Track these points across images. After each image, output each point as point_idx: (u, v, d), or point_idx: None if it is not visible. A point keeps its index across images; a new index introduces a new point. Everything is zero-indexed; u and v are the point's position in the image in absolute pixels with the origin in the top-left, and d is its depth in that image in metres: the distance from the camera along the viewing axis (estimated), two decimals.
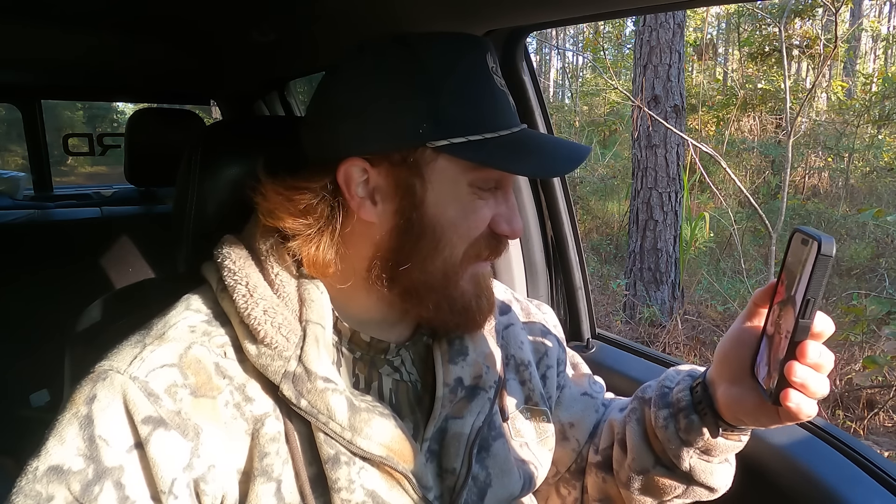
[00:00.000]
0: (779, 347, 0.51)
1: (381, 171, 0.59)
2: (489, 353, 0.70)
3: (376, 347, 0.65)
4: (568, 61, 15.41)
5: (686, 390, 0.67)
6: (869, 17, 9.64)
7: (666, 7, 0.77)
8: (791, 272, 0.51)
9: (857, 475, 0.75)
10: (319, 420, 0.56)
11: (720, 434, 0.64)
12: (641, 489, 0.71)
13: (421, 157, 0.58)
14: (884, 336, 3.16)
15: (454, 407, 0.66)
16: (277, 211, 0.60)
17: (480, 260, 0.63)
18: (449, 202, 0.59)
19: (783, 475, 0.79)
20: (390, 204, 0.60)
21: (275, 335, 0.57)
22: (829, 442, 0.80)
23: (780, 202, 3.25)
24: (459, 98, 0.58)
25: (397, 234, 0.60)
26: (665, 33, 4.50)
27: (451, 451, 0.64)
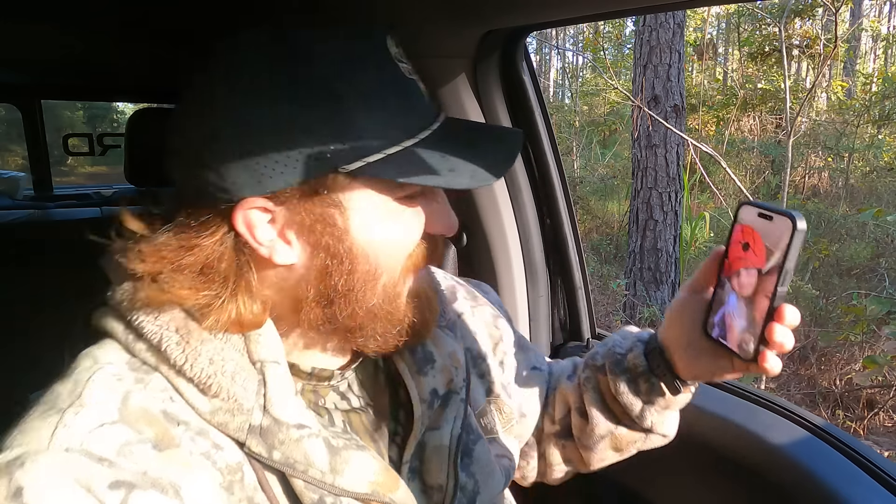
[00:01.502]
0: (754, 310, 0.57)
1: (289, 207, 0.50)
2: (453, 353, 0.66)
3: (319, 377, 0.58)
4: (568, 61, 15.41)
5: (641, 356, 0.70)
6: (869, 17, 9.64)
7: (666, 7, 0.77)
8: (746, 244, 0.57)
9: (857, 475, 0.75)
10: (296, 469, 0.50)
11: (680, 391, 0.68)
12: (604, 448, 0.75)
13: (334, 184, 0.49)
14: (884, 336, 3.16)
15: (431, 419, 0.62)
16: (168, 283, 0.50)
17: (418, 270, 0.57)
18: (377, 224, 0.52)
19: (783, 475, 0.79)
20: (308, 241, 0.51)
21: (230, 386, 0.49)
22: (829, 442, 0.80)
23: (780, 202, 3.25)
24: (366, 104, 0.49)
25: (325, 272, 0.52)
26: (665, 33, 4.49)
27: (434, 466, 0.60)
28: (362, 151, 0.48)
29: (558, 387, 0.81)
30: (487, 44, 0.99)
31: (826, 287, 4.68)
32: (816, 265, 4.86)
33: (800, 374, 3.82)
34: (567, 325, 1.20)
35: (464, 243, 1.19)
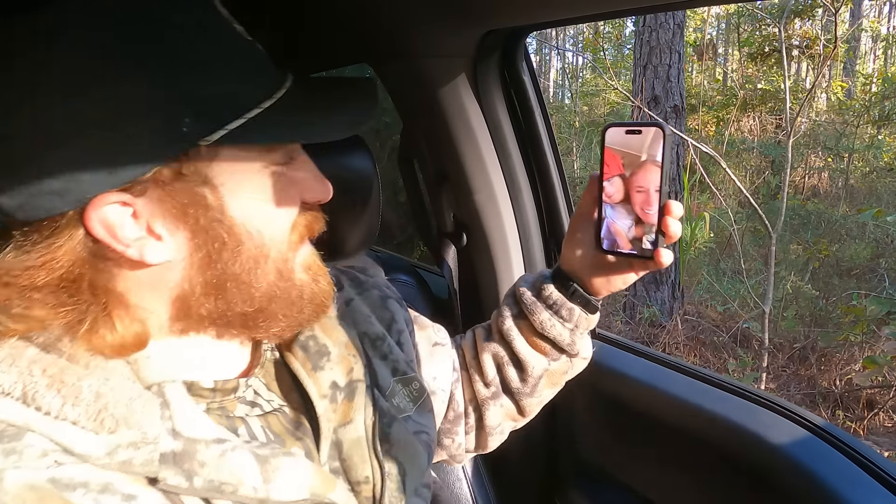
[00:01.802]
0: (643, 212, 0.64)
1: (152, 197, 0.44)
2: (348, 340, 0.63)
3: (223, 390, 0.53)
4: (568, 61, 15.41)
5: (554, 290, 0.74)
6: (869, 18, 9.64)
7: (666, 7, 0.77)
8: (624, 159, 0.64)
9: (857, 475, 0.75)
10: (225, 492, 0.45)
11: (597, 309, 0.75)
12: (542, 387, 0.79)
13: (197, 161, 0.45)
14: (884, 336, 3.15)
15: (339, 414, 0.58)
16: (23, 308, 0.43)
17: (304, 242, 0.54)
18: (252, 196, 0.48)
19: (783, 475, 0.79)
20: (182, 230, 0.46)
21: (128, 416, 0.43)
22: (829, 442, 0.80)
23: (780, 202, 3.25)
24: (212, 71, 0.44)
25: (209, 260, 0.47)
26: (665, 33, 4.49)
27: (356, 461, 0.57)
28: (218, 120, 0.44)
29: (479, 349, 0.82)
30: (487, 44, 0.99)
31: (826, 287, 4.68)
32: (816, 265, 4.86)
33: (800, 374, 3.82)
34: None
35: (464, 243, 1.19)
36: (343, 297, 0.71)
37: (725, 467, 0.87)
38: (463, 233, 1.19)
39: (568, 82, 13.92)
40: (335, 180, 0.93)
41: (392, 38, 0.99)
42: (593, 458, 1.12)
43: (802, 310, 4.33)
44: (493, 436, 0.82)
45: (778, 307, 4.27)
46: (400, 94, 1.13)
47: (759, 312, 3.17)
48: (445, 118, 1.04)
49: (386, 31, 0.98)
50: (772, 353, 3.79)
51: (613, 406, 1.06)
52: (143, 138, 0.42)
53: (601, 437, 1.10)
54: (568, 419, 1.13)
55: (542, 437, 1.16)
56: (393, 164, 1.29)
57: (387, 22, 0.96)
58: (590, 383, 1.07)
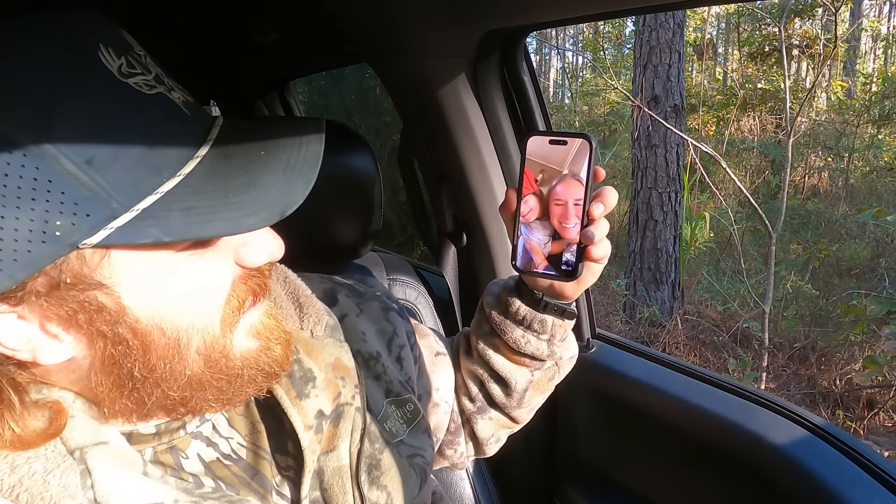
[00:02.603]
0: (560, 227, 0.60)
1: (31, 304, 0.38)
2: (336, 361, 0.58)
3: (168, 430, 0.48)
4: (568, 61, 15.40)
5: (520, 304, 0.70)
6: (869, 17, 9.63)
7: (666, 7, 0.77)
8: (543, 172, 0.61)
9: (857, 475, 0.75)
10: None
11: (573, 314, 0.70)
12: (529, 398, 0.77)
13: (82, 265, 0.38)
14: (884, 336, 3.15)
15: (323, 441, 0.55)
16: None
17: (248, 309, 0.47)
18: (163, 289, 0.41)
19: (783, 475, 0.79)
20: (77, 332, 0.40)
21: (44, 491, 0.40)
22: (829, 442, 0.80)
23: (780, 202, 3.25)
24: (89, 152, 0.35)
25: (114, 361, 0.41)
26: (665, 33, 4.49)
27: (337, 491, 0.54)
28: (102, 216, 0.36)
29: (461, 365, 0.80)
30: (487, 44, 0.99)
31: (826, 287, 4.68)
32: (816, 265, 4.86)
33: (800, 373, 3.82)
34: None
35: (464, 243, 1.19)
36: (337, 312, 0.67)
37: (725, 467, 0.87)
38: (463, 233, 1.19)
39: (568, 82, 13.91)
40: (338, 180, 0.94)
41: (392, 38, 0.99)
42: (593, 458, 1.12)
43: (802, 309, 4.33)
44: (488, 445, 0.81)
45: (778, 307, 4.27)
46: (400, 94, 1.13)
47: (759, 312, 3.17)
48: (445, 118, 1.04)
49: (385, 31, 0.98)
50: (772, 352, 3.79)
51: (613, 406, 1.06)
52: (5, 246, 0.35)
53: (601, 437, 1.10)
54: (568, 419, 1.13)
55: (542, 437, 1.16)
56: (393, 164, 1.29)
57: (386, 22, 0.96)
58: (590, 383, 1.07)
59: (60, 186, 0.35)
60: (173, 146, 0.39)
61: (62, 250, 0.36)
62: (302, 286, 0.64)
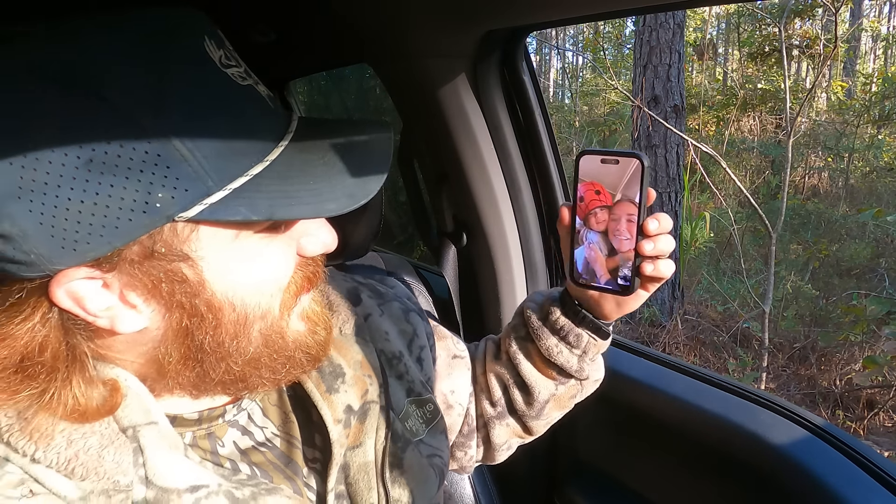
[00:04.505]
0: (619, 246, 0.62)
1: (123, 270, 0.41)
2: (363, 359, 0.61)
3: (209, 418, 0.52)
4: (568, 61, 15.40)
5: (562, 315, 0.71)
6: (869, 17, 9.63)
7: (666, 7, 0.77)
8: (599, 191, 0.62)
9: (857, 475, 0.75)
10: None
11: (609, 335, 0.71)
12: (549, 411, 0.77)
13: (173, 237, 0.40)
14: (884, 336, 3.16)
15: (350, 437, 0.57)
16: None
17: (301, 295, 0.50)
18: (239, 268, 0.44)
19: (783, 475, 0.79)
20: (157, 301, 0.43)
21: (98, 465, 0.42)
22: (829, 442, 0.80)
23: (780, 202, 3.25)
24: (190, 134, 0.38)
25: (186, 332, 0.44)
26: (665, 33, 4.49)
27: (362, 487, 0.56)
28: (198, 192, 0.39)
29: (487, 368, 0.80)
30: (487, 44, 0.99)
31: (826, 287, 4.68)
32: (816, 265, 4.86)
33: (800, 373, 3.82)
34: None
35: (464, 243, 1.19)
36: (361, 311, 0.68)
37: (725, 467, 0.87)
38: (463, 233, 1.19)
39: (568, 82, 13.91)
40: None
41: (392, 38, 0.99)
42: (593, 459, 1.12)
43: (802, 310, 4.33)
44: (499, 451, 0.81)
45: (778, 307, 4.27)
46: (400, 94, 1.13)
47: (759, 312, 3.17)
48: (445, 118, 1.04)
49: (386, 31, 0.98)
50: (772, 352, 3.79)
51: (613, 406, 1.06)
52: (111, 215, 0.37)
53: (601, 437, 1.10)
54: (568, 419, 1.13)
55: (542, 437, 1.16)
56: (393, 164, 1.29)
57: (387, 22, 0.96)
58: None
59: (167, 162, 0.38)
60: (262, 134, 0.43)
61: (159, 221, 0.39)
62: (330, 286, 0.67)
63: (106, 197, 0.37)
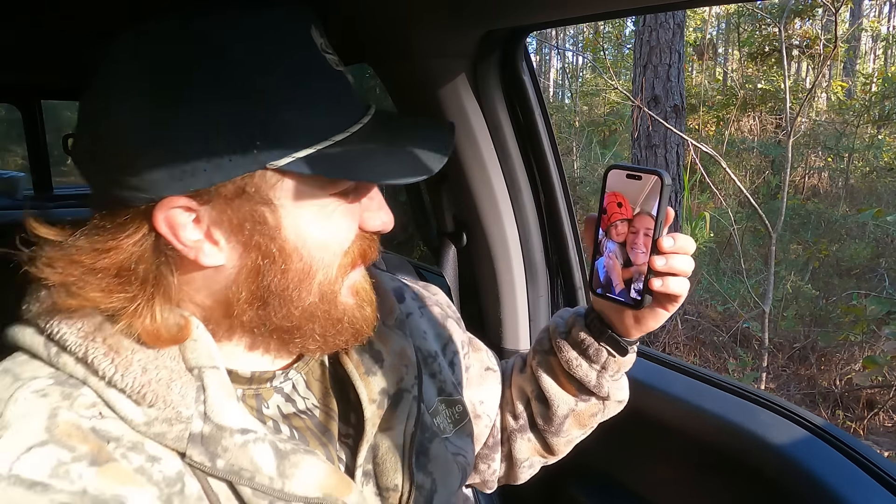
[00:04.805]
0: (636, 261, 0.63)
1: (215, 207, 0.47)
2: (402, 350, 0.65)
3: (259, 379, 0.56)
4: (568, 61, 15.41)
5: (584, 328, 0.72)
6: (869, 17, 9.64)
7: (666, 7, 0.77)
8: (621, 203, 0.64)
9: (857, 475, 0.75)
10: (243, 477, 0.49)
11: (628, 351, 0.71)
12: (569, 428, 0.77)
13: (263, 182, 0.47)
14: (884, 336, 3.16)
15: (382, 420, 0.60)
16: (79, 287, 0.47)
17: (356, 267, 0.56)
18: (311, 222, 0.50)
19: (783, 475, 0.79)
20: (237, 241, 0.49)
21: (166, 395, 0.47)
22: (829, 442, 0.80)
23: (780, 202, 3.25)
24: (293, 98, 0.47)
25: (257, 273, 0.50)
26: (665, 33, 4.50)
27: (389, 467, 0.59)
28: (290, 147, 0.46)
29: (512, 381, 0.82)
30: (487, 44, 0.99)
31: (826, 287, 4.68)
32: (816, 265, 4.86)
33: (800, 373, 3.82)
34: None
35: (464, 243, 1.19)
36: (404, 309, 0.72)
37: (725, 467, 0.87)
38: (463, 233, 1.19)
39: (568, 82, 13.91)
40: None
41: (392, 38, 0.99)
42: (593, 459, 1.12)
43: (802, 310, 4.33)
44: (521, 469, 0.82)
45: (778, 307, 4.27)
46: (400, 94, 1.13)
47: (759, 312, 3.17)
48: (445, 118, 1.04)
49: (386, 31, 0.98)
50: (772, 352, 3.79)
51: None
52: (216, 155, 0.45)
53: (601, 437, 1.10)
54: None
55: None
56: None
57: (387, 22, 0.96)
58: None
59: (270, 119, 0.46)
60: (347, 111, 0.51)
61: (254, 166, 0.46)
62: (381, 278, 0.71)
63: (217, 139, 0.45)
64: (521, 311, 1.18)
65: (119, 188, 0.46)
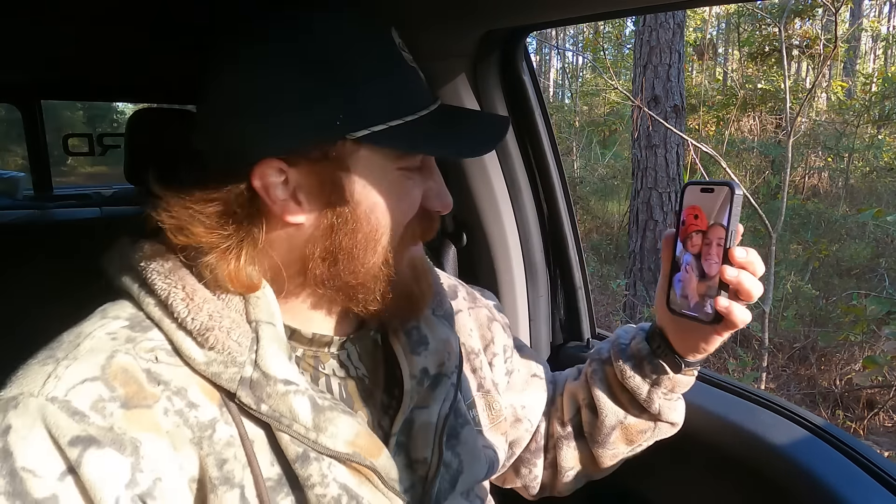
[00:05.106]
0: (708, 275, 0.64)
1: (301, 169, 0.55)
2: (447, 340, 0.69)
3: (319, 342, 0.63)
4: (568, 61, 15.41)
5: (643, 341, 0.75)
6: (869, 17, 9.64)
7: (666, 7, 0.77)
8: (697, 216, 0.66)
9: (857, 475, 0.75)
10: (282, 423, 0.54)
11: (682, 371, 0.73)
12: (616, 441, 0.79)
13: (342, 150, 0.55)
14: (884, 336, 3.16)
15: (420, 397, 0.65)
16: (189, 226, 0.56)
17: (415, 242, 0.63)
18: (379, 189, 0.57)
19: (783, 475, 0.79)
20: (317, 202, 0.56)
21: (225, 340, 0.55)
22: (829, 442, 0.80)
23: (780, 202, 3.25)
24: (372, 82, 0.55)
25: (331, 231, 0.57)
26: (665, 33, 4.50)
27: (420, 442, 0.63)
28: (367, 122, 0.54)
29: (566, 388, 0.85)
30: (487, 44, 0.99)
31: (826, 287, 4.68)
32: (816, 265, 4.86)
33: (800, 374, 3.82)
34: (567, 325, 1.20)
35: (464, 243, 1.19)
36: (455, 306, 0.78)
37: (725, 467, 0.87)
38: (463, 233, 1.19)
39: (568, 82, 13.92)
40: None
41: None
42: None
43: (802, 310, 4.33)
44: (565, 478, 0.84)
45: (778, 307, 4.27)
46: None
47: (759, 312, 3.17)
48: None
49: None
50: (772, 352, 3.79)
51: None
52: (307, 124, 0.54)
53: None
54: None
55: None
56: None
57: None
58: None
59: (354, 98, 0.54)
60: (417, 97, 0.59)
61: (336, 136, 0.54)
62: (436, 274, 0.77)
63: (309, 111, 0.53)
64: (521, 311, 1.18)
65: (225, 151, 0.56)
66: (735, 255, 0.62)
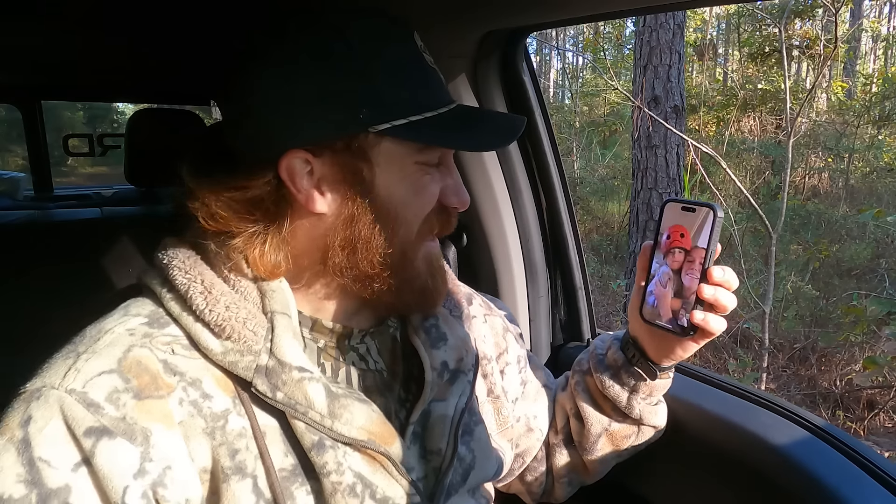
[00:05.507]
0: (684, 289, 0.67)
1: (325, 161, 0.58)
2: (465, 338, 0.72)
3: (339, 333, 0.65)
4: (568, 62, 15.42)
5: (619, 351, 0.79)
6: (869, 18, 9.64)
7: (666, 7, 0.78)
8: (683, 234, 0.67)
9: (857, 475, 0.75)
10: (297, 411, 0.56)
11: (657, 377, 0.76)
12: (603, 447, 0.82)
13: (364, 142, 0.58)
14: (884, 336, 3.16)
15: (438, 390, 0.67)
16: (220, 214, 0.58)
17: (432, 236, 0.65)
18: (398, 182, 0.60)
19: (783, 475, 0.79)
20: (339, 192, 0.59)
21: (241, 330, 0.57)
22: (829, 442, 0.80)
23: (780, 202, 3.25)
24: (394, 80, 0.58)
25: (351, 221, 0.59)
26: (665, 34, 4.50)
27: (436, 433, 0.65)
28: (388, 116, 0.56)
29: (557, 398, 0.88)
30: (488, 44, 0.99)
31: (826, 287, 4.68)
32: (816, 265, 4.86)
33: (800, 374, 3.82)
34: (567, 326, 1.20)
35: (464, 243, 1.19)
36: (471, 311, 0.80)
37: (725, 467, 0.87)
38: (463, 233, 1.19)
39: (568, 82, 13.92)
40: None
41: None
42: None
43: (803, 310, 4.33)
44: (560, 484, 0.87)
45: (778, 307, 4.27)
46: None
47: (760, 313, 3.17)
48: None
49: None
50: (772, 353, 3.79)
51: None
52: (332, 118, 0.56)
53: None
54: None
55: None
56: None
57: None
58: None
59: (376, 94, 0.57)
60: (436, 95, 0.61)
61: (359, 129, 0.57)
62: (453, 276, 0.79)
63: (334, 105, 0.56)
64: (521, 311, 1.18)
65: (256, 143, 0.58)
66: (713, 274, 0.65)
